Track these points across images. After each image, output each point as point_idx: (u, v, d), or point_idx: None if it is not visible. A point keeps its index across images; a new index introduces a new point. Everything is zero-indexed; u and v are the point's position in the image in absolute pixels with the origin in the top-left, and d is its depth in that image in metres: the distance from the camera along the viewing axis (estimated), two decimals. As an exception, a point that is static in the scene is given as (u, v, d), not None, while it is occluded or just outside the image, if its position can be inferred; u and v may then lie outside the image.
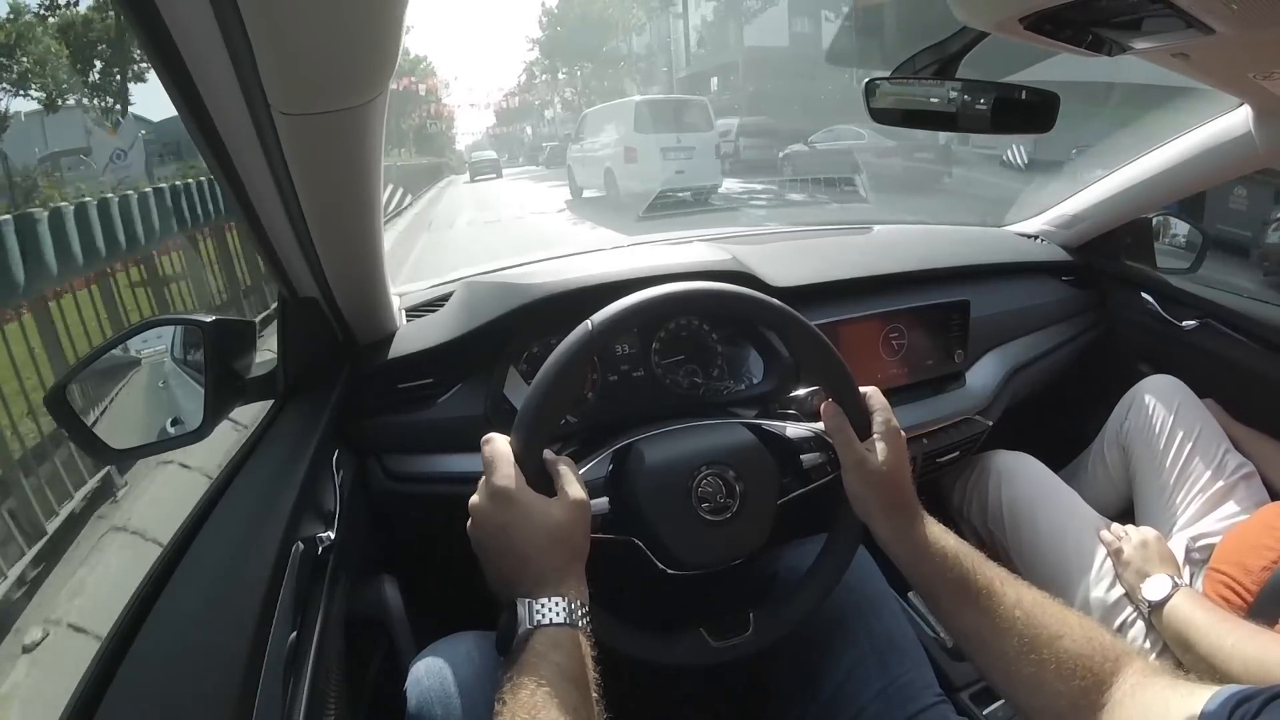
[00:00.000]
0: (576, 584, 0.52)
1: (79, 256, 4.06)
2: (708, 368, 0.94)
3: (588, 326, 0.58)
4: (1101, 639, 0.52)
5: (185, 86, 0.43)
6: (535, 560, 0.52)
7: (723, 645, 0.61)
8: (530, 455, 0.56)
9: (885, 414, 0.64)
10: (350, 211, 0.63)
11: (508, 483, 0.53)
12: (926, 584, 0.59)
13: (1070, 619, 0.54)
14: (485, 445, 0.56)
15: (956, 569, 0.57)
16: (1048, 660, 0.51)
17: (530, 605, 0.49)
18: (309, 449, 0.66)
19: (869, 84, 0.87)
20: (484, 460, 0.55)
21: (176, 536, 0.57)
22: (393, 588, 0.77)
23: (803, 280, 1.01)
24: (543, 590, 0.50)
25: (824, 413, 0.64)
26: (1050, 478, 1.09)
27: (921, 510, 0.61)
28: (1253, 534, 0.90)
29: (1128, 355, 1.33)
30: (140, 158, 9.04)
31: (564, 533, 0.53)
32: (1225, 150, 1.07)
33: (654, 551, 0.61)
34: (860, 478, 0.61)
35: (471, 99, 59.51)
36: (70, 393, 0.62)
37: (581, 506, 0.55)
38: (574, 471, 0.57)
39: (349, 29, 0.40)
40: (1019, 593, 0.56)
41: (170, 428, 0.70)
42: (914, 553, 0.59)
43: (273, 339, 0.78)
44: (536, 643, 0.47)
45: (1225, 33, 0.57)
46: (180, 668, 0.44)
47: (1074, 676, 0.50)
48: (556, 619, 0.49)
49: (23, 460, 2.67)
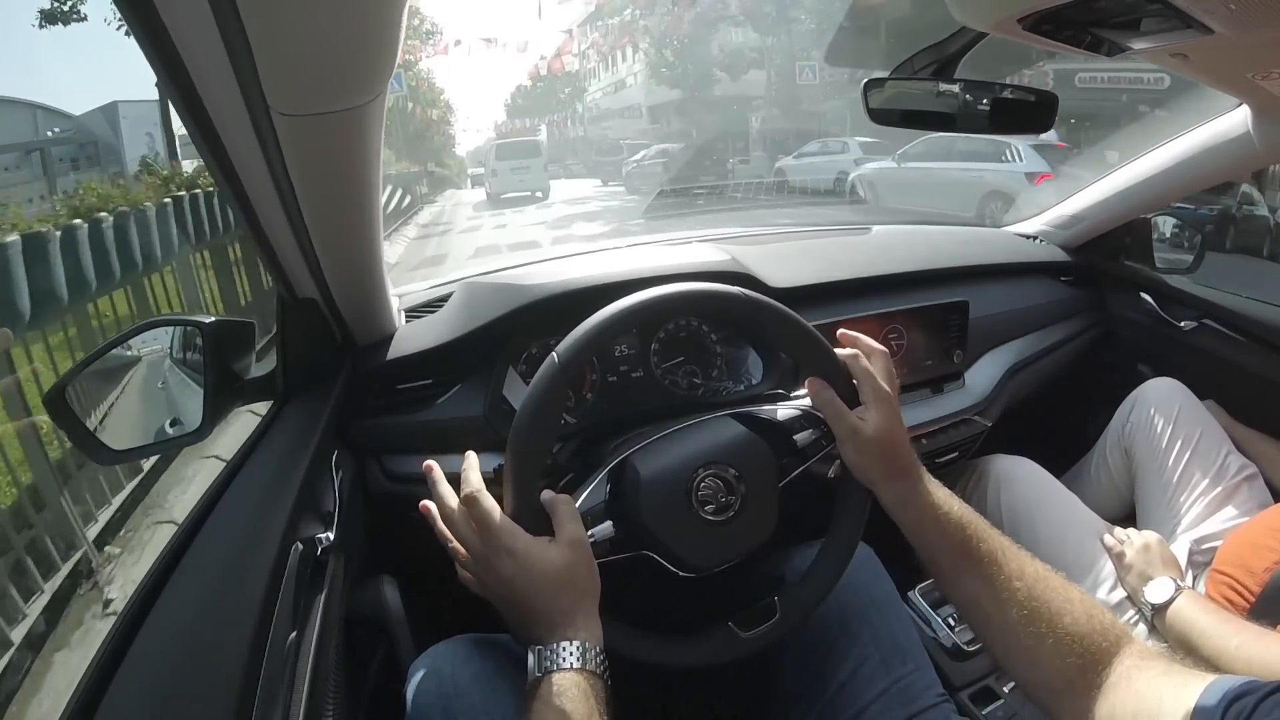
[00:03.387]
0: (586, 624, 0.52)
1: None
2: (707, 368, 0.94)
3: (553, 360, 0.58)
4: (1102, 618, 0.52)
5: (184, 87, 0.43)
6: (542, 608, 0.52)
7: (752, 635, 0.61)
8: (525, 502, 0.56)
9: (869, 379, 0.62)
10: (349, 212, 0.63)
11: (500, 539, 0.53)
12: (928, 549, 0.58)
13: (1073, 595, 0.54)
14: (472, 506, 0.56)
15: (959, 535, 0.57)
16: (1046, 635, 0.51)
17: (540, 653, 0.50)
18: (308, 450, 0.66)
19: (868, 84, 0.87)
20: (474, 519, 0.55)
21: (176, 536, 0.57)
22: (392, 588, 0.77)
23: (802, 280, 1.01)
24: (552, 636, 0.51)
25: (809, 388, 0.64)
26: (1050, 481, 1.09)
27: (924, 472, 0.61)
28: (1256, 535, 0.90)
29: (1127, 356, 1.33)
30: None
31: (565, 576, 0.53)
32: (1224, 150, 1.07)
33: (667, 560, 0.61)
34: (856, 447, 0.61)
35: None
36: (70, 393, 0.62)
37: (579, 546, 0.55)
38: (571, 508, 0.57)
39: (348, 29, 0.40)
40: (1022, 564, 0.56)
41: (170, 428, 0.70)
42: (917, 516, 0.58)
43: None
44: (543, 690, 0.48)
45: (1224, 33, 0.57)
46: (180, 668, 0.44)
47: (1072, 653, 0.50)
48: (563, 664, 0.49)
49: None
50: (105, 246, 4.49)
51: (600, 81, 31.69)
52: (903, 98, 0.88)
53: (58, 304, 3.99)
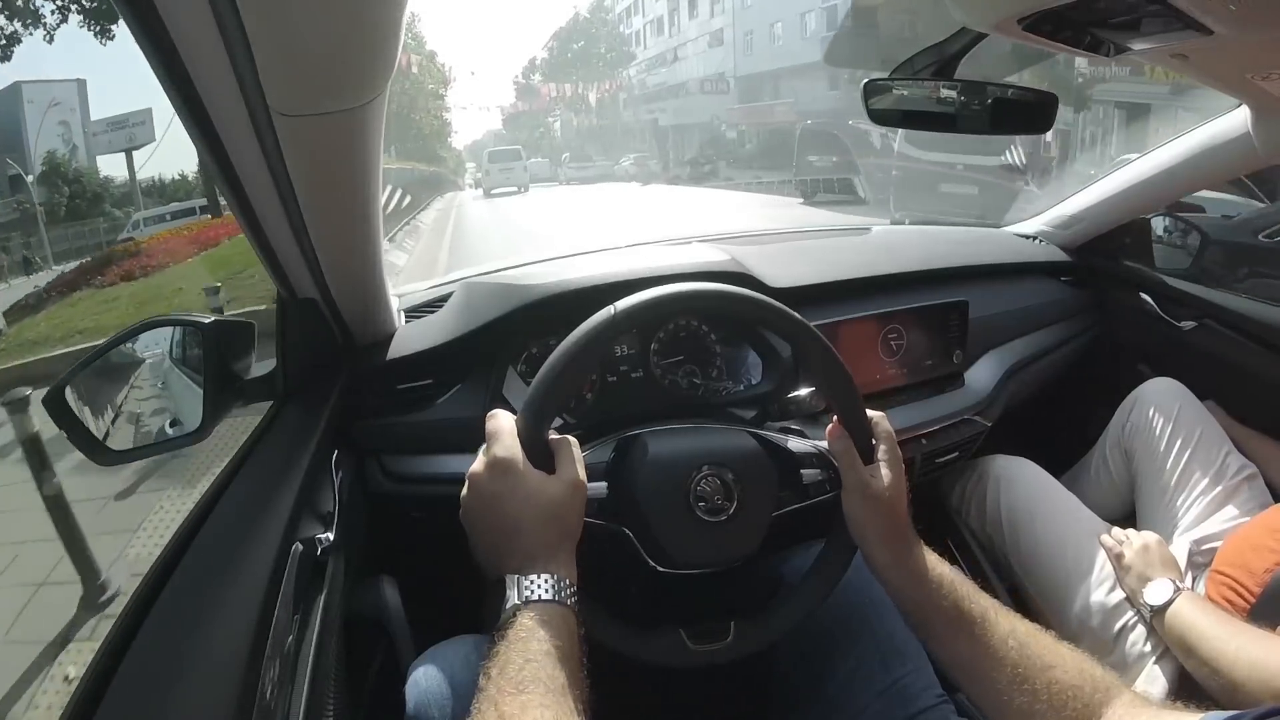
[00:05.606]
0: (566, 563, 0.52)
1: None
2: (706, 368, 0.94)
3: (611, 310, 0.57)
4: (1093, 671, 0.52)
5: (184, 87, 0.43)
6: (526, 534, 0.51)
7: (700, 650, 0.60)
8: (535, 431, 0.55)
9: (890, 442, 0.63)
10: (349, 212, 0.63)
11: (507, 453, 0.53)
12: (920, 611, 0.59)
13: (1063, 651, 0.54)
14: (490, 419, 0.56)
15: (950, 597, 0.57)
16: (1040, 691, 0.51)
17: (519, 581, 0.49)
18: (308, 450, 0.66)
19: (868, 84, 0.87)
20: (487, 431, 0.55)
21: (176, 537, 0.57)
22: (392, 588, 0.77)
23: (801, 281, 1.01)
24: (532, 566, 0.50)
25: (830, 434, 0.64)
26: (1049, 482, 1.09)
27: (917, 537, 0.61)
28: (1256, 535, 0.90)
29: (1126, 356, 1.33)
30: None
31: (558, 511, 0.53)
32: (1224, 150, 1.07)
33: (644, 545, 0.60)
34: (861, 501, 0.61)
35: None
36: (69, 393, 0.62)
37: (578, 488, 0.55)
38: (576, 452, 0.57)
39: (348, 30, 0.40)
40: (1012, 624, 0.56)
41: (169, 429, 0.71)
42: (909, 579, 0.59)
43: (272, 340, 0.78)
44: (524, 618, 0.47)
45: (1223, 33, 0.57)
46: (180, 668, 0.44)
47: (1065, 708, 0.50)
48: (545, 595, 0.49)
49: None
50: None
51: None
52: (903, 98, 0.88)
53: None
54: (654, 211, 12.60)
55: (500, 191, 19.92)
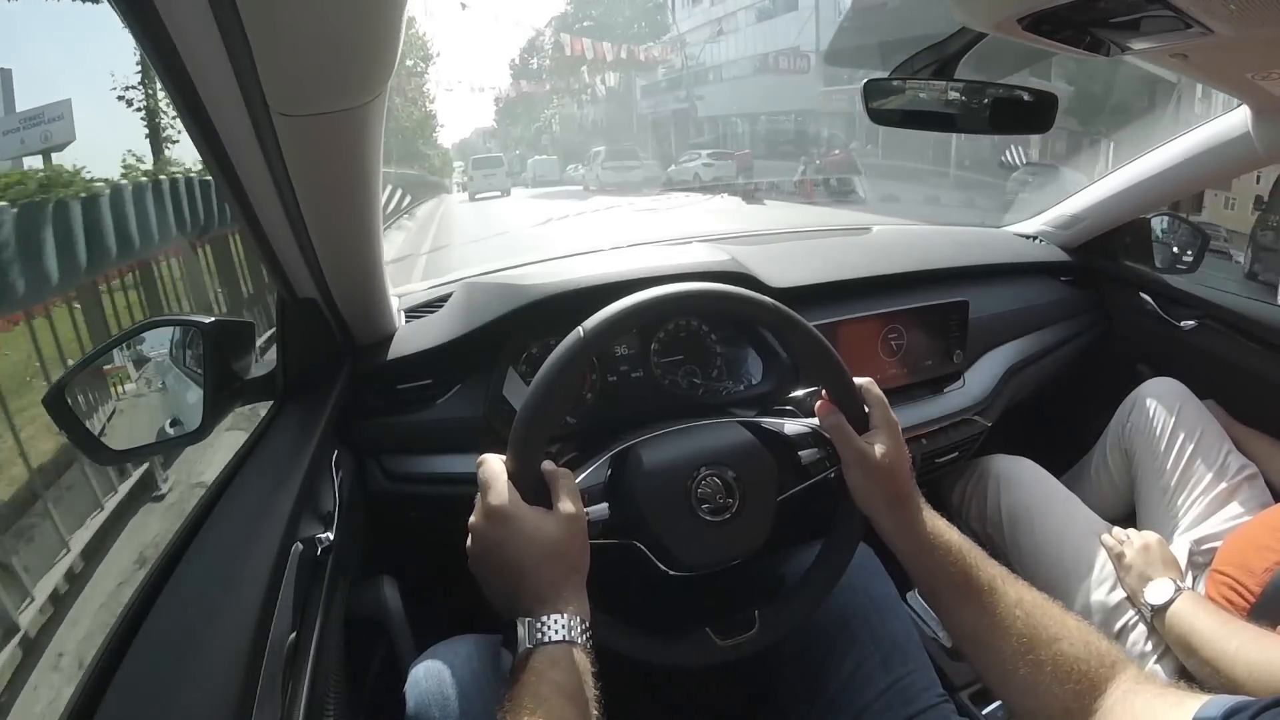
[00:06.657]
0: (575, 599, 0.52)
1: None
2: (706, 368, 0.94)
3: (579, 333, 0.58)
4: (1099, 644, 0.52)
5: (184, 87, 0.43)
6: (531, 575, 0.52)
7: (729, 644, 0.61)
8: (525, 468, 0.56)
9: (882, 407, 0.64)
10: (349, 212, 0.63)
11: (500, 499, 0.53)
12: (927, 578, 0.59)
13: (1069, 622, 0.54)
14: (480, 467, 0.56)
15: (959, 564, 0.57)
16: (1044, 662, 0.51)
17: (530, 624, 0.50)
18: (308, 450, 0.66)
19: (868, 84, 0.87)
20: (479, 480, 0.56)
21: (176, 537, 0.57)
22: (392, 588, 0.77)
23: (801, 281, 1.01)
24: (542, 608, 0.50)
25: (820, 409, 0.64)
26: (1049, 482, 1.09)
27: (923, 502, 0.61)
28: (1256, 535, 0.90)
29: (1127, 356, 1.33)
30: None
31: (559, 547, 0.53)
32: (1224, 150, 1.07)
33: (656, 554, 0.60)
34: (861, 472, 0.61)
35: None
36: (70, 393, 0.62)
37: (576, 521, 0.55)
38: (571, 483, 0.57)
39: (348, 30, 0.40)
40: (1020, 592, 0.56)
41: (170, 428, 0.70)
42: (916, 546, 0.59)
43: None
44: (535, 661, 0.48)
45: (1224, 33, 0.57)
46: (180, 668, 0.44)
47: (1069, 680, 0.50)
48: (555, 637, 0.49)
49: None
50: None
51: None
52: (903, 98, 0.88)
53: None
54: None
55: (484, 196, 18.99)
